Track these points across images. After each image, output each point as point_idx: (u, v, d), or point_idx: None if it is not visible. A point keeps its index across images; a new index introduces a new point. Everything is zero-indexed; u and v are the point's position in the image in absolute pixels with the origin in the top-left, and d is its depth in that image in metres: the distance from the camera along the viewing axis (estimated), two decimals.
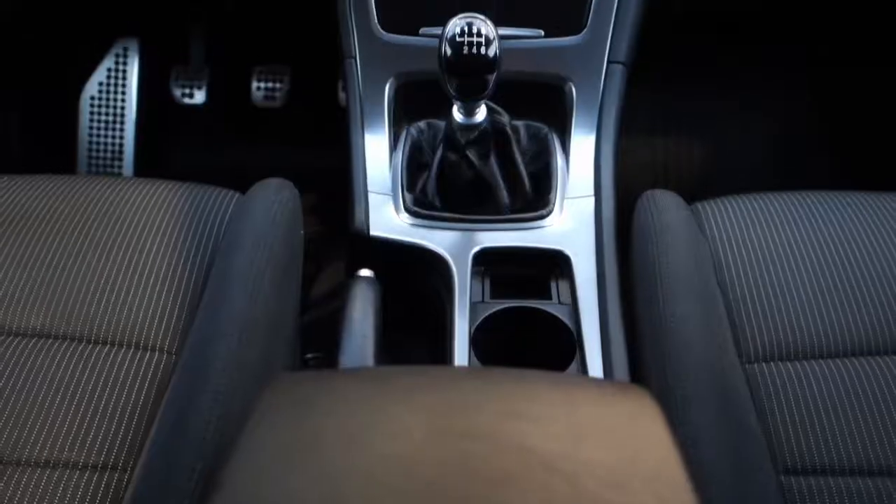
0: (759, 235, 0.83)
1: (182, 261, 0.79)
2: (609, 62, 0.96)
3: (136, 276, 0.78)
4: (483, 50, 0.75)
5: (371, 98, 0.96)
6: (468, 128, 0.85)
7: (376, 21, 0.96)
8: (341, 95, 1.52)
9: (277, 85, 1.59)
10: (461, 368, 0.69)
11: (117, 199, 0.86)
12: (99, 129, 1.62)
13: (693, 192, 1.59)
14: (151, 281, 0.78)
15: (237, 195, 0.88)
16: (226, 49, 1.63)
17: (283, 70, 1.60)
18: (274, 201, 0.82)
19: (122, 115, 1.61)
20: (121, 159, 1.61)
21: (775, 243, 0.82)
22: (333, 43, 1.01)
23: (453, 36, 0.76)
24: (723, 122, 1.66)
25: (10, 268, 0.78)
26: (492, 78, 0.77)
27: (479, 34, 0.75)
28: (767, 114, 1.66)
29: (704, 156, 1.64)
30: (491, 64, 0.76)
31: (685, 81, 1.65)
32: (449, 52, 0.76)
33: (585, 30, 0.95)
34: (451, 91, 0.79)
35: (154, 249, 0.80)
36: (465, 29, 0.75)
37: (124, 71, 1.62)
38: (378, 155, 0.94)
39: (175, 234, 0.82)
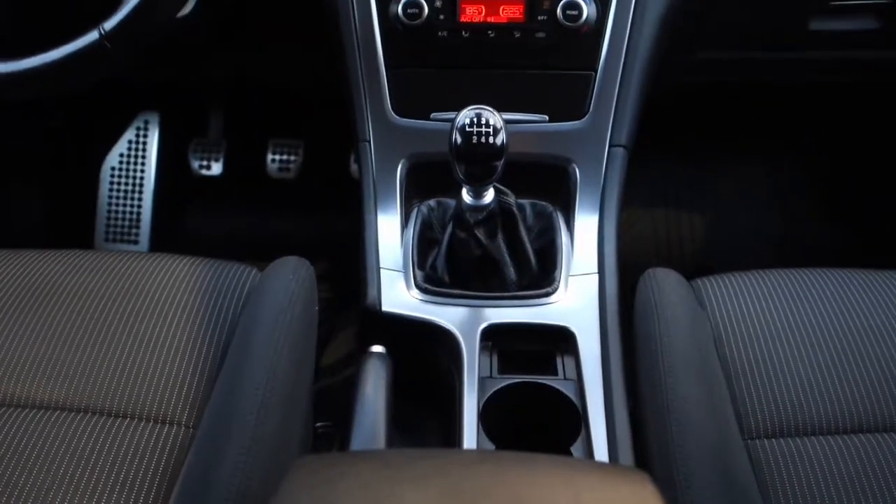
0: (760, 312, 0.86)
1: (202, 335, 0.83)
2: (611, 145, 1.00)
3: (157, 350, 0.81)
4: (491, 139, 0.80)
5: (384, 178, 1.01)
6: (477, 209, 0.89)
7: (389, 107, 1.01)
8: (353, 167, 1.58)
9: (292, 157, 1.65)
10: (471, 453, 0.71)
11: (140, 275, 0.90)
12: (118, 198, 1.67)
13: (696, 262, 1.64)
14: (171, 355, 0.81)
15: (255, 271, 0.91)
16: (243, 123, 1.70)
17: (297, 143, 1.66)
18: (292, 279, 0.86)
19: (141, 186, 1.67)
20: (138, 228, 1.66)
21: (775, 320, 0.85)
22: (346, 119, 1.06)
23: (463, 125, 0.81)
24: (723, 192, 1.71)
25: (35, 341, 0.82)
26: (499, 164, 0.82)
27: (487, 124, 0.80)
28: (767, 183, 1.71)
29: (706, 226, 1.68)
30: (498, 152, 0.81)
31: (686, 153, 1.71)
32: (459, 140, 0.81)
33: (588, 115, 1.00)
34: (460, 175, 0.84)
35: (175, 323, 0.84)
36: (475, 119, 0.80)
37: (144, 143, 1.69)
38: (390, 232, 0.98)
39: (195, 309, 0.85)
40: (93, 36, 0.76)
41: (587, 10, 0.95)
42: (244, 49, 1.31)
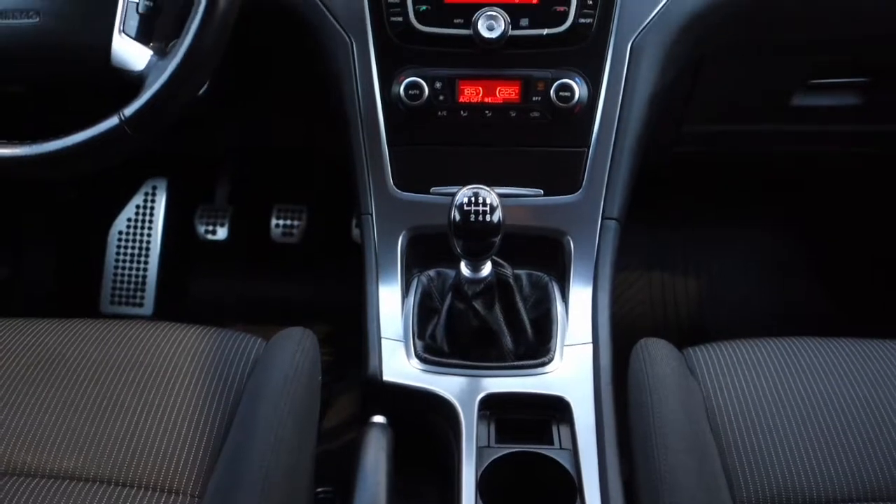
0: (750, 382, 0.88)
1: (207, 405, 0.85)
2: (604, 218, 1.04)
3: (164, 420, 0.83)
4: (488, 217, 0.84)
5: (385, 250, 1.05)
6: (475, 281, 0.93)
7: (391, 181, 1.06)
8: (355, 232, 1.62)
9: (295, 222, 1.70)
10: None
11: (148, 344, 0.92)
12: (124, 262, 1.71)
13: (690, 325, 1.67)
14: (178, 425, 0.83)
15: (261, 341, 0.94)
16: (249, 189, 1.75)
17: (300, 208, 1.71)
18: (296, 351, 0.89)
19: (147, 250, 1.71)
20: (143, 291, 1.70)
21: (766, 390, 0.87)
22: (347, 185, 1.10)
23: (461, 204, 0.85)
24: (717, 256, 1.75)
25: (45, 411, 0.84)
26: (496, 240, 0.86)
27: (484, 203, 0.84)
28: (759, 248, 1.75)
29: (700, 290, 1.72)
30: (495, 229, 0.85)
31: (680, 218, 1.76)
32: (458, 217, 0.85)
33: (581, 190, 1.05)
34: (459, 250, 0.88)
35: (181, 393, 0.86)
36: (472, 198, 0.85)
37: (152, 208, 1.73)
38: (391, 302, 1.02)
39: (201, 379, 0.88)
40: (113, 121, 0.80)
41: (579, 92, 1.01)
42: (250, 121, 1.37)
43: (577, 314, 1.00)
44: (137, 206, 1.73)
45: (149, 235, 1.72)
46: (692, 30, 1.02)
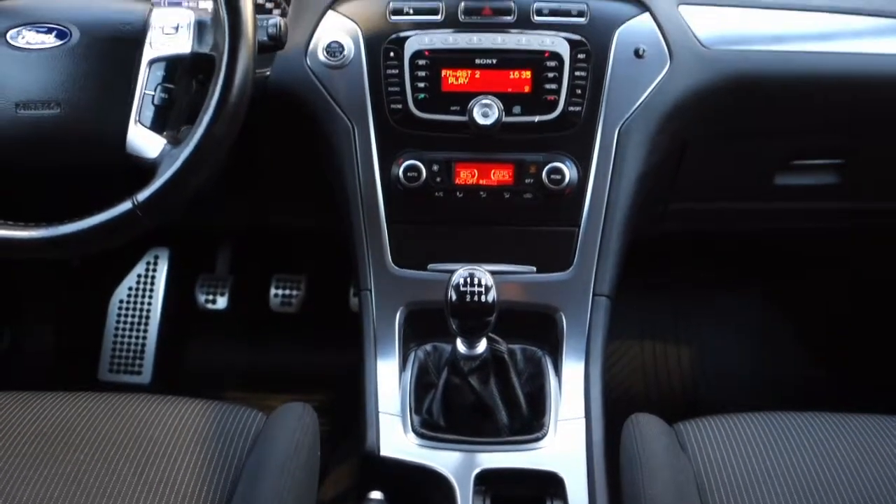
0: (741, 457, 0.90)
1: (208, 480, 0.86)
2: (594, 295, 1.08)
3: (165, 495, 0.85)
4: (483, 297, 0.88)
5: (383, 325, 1.08)
6: (471, 358, 0.96)
7: (390, 258, 1.10)
8: (353, 301, 1.65)
9: (294, 292, 1.73)
10: None
11: (149, 419, 0.94)
12: (124, 330, 1.73)
13: (683, 394, 1.69)
14: (179, 500, 0.84)
15: (262, 416, 0.96)
16: (249, 259, 1.78)
17: (299, 278, 1.74)
18: (296, 428, 0.91)
19: (147, 318, 1.73)
20: (142, 359, 1.71)
21: (756, 466, 0.89)
22: (346, 255, 1.13)
23: (457, 284, 0.89)
24: (709, 325, 1.78)
25: (48, 486, 0.85)
26: (490, 319, 0.89)
27: (479, 284, 0.88)
28: (751, 318, 1.79)
29: (692, 358, 1.74)
30: (489, 308, 0.88)
31: (673, 286, 1.80)
32: (454, 297, 0.88)
33: (572, 267, 1.09)
34: (455, 328, 0.91)
35: (182, 468, 0.88)
36: (468, 279, 0.88)
37: (153, 277, 1.77)
38: (389, 377, 1.04)
39: (202, 454, 0.89)
40: (126, 206, 0.84)
41: (569, 175, 1.06)
42: (251, 200, 1.41)
43: (570, 389, 1.03)
44: (139, 276, 1.76)
45: (149, 304, 1.74)
46: (675, 118, 1.08)
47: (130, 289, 1.76)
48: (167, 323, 1.72)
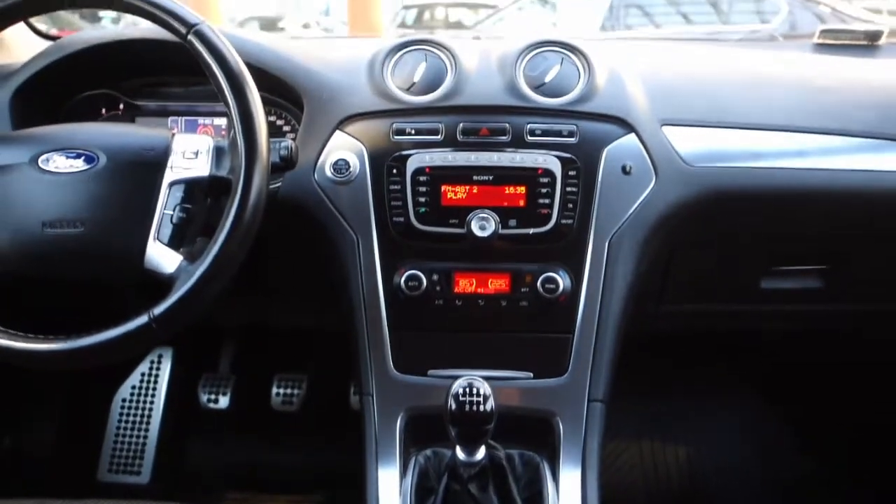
0: None
1: None
2: (589, 400, 1.12)
3: None
4: (481, 407, 0.91)
5: (384, 430, 1.11)
6: (470, 464, 0.99)
7: (391, 364, 1.13)
8: (353, 399, 1.68)
9: (295, 391, 1.75)
10: None
11: None
12: (125, 429, 1.75)
13: (682, 491, 1.69)
14: None
15: None
16: (252, 358, 1.82)
17: (301, 377, 1.77)
18: None
19: (149, 418, 1.75)
20: (142, 459, 1.72)
21: None
22: (346, 355, 1.17)
23: (457, 394, 0.92)
24: (706, 423, 1.80)
25: None
26: (489, 427, 0.93)
27: (478, 394, 0.92)
28: (748, 415, 1.81)
29: (690, 456, 1.75)
30: (488, 417, 0.92)
31: (670, 385, 1.82)
32: (453, 407, 0.92)
33: (567, 373, 1.12)
34: (454, 436, 0.94)
35: None
36: (467, 389, 0.92)
37: (156, 376, 1.79)
38: (389, 483, 1.07)
39: None
40: (143, 319, 0.89)
41: (563, 283, 1.11)
42: (255, 302, 1.46)
43: (568, 495, 1.05)
44: (143, 374, 1.79)
45: (151, 403, 1.76)
46: (662, 228, 1.14)
47: (134, 387, 1.78)
48: (169, 422, 1.74)
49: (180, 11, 0.94)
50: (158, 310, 0.89)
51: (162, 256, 0.93)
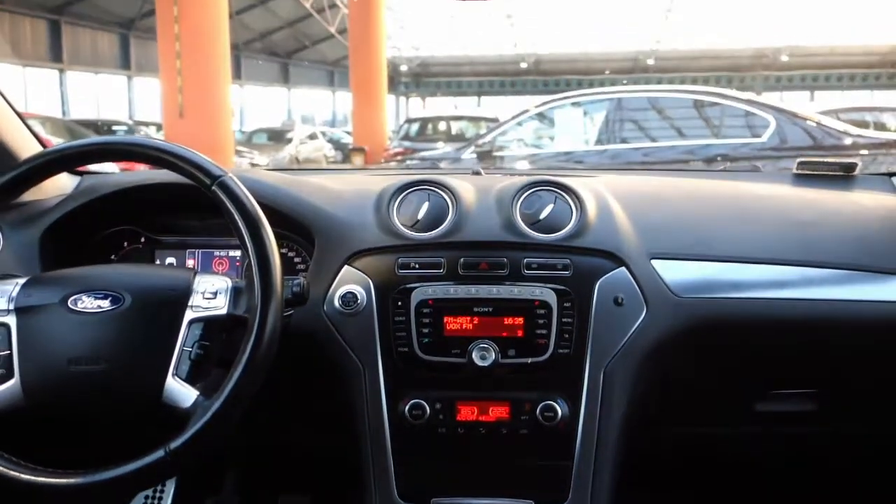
0: None
1: None
2: None
3: None
4: None
5: None
6: None
7: (395, 491, 1.16)
8: None
9: None
10: None
11: None
12: None
13: None
14: None
15: None
16: (256, 481, 1.82)
17: (305, 500, 1.77)
18: None
19: None
20: None
21: None
22: (349, 474, 1.18)
23: None
24: None
25: None
26: None
27: None
28: None
29: None
30: None
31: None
32: None
33: (568, 500, 1.15)
34: None
35: None
36: None
37: (160, 498, 1.79)
38: None
39: None
40: (159, 454, 0.93)
41: (561, 411, 1.15)
42: (263, 422, 1.49)
43: None
44: (146, 497, 1.79)
45: None
46: (656, 356, 1.19)
47: None
48: None
49: (206, 164, 1.03)
50: (175, 444, 0.93)
51: (179, 392, 0.98)
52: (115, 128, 13.44)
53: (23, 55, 17.27)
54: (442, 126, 11.14)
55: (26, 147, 1.34)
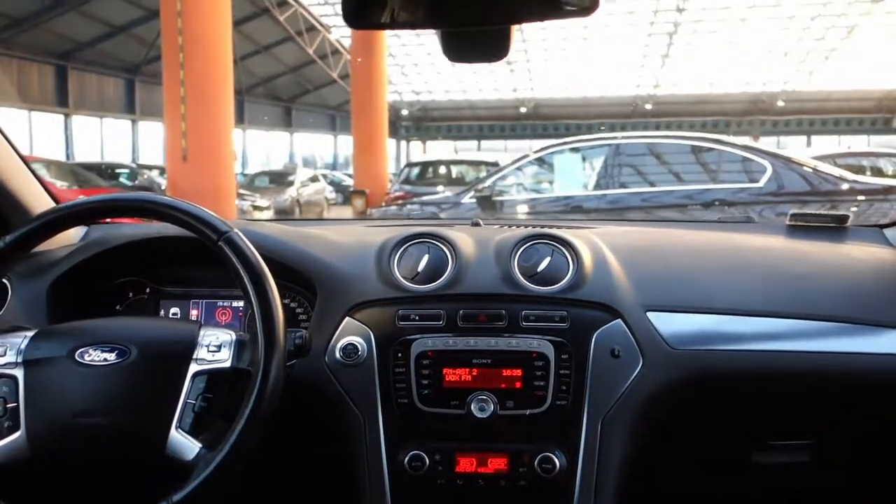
0: None
1: None
2: None
3: None
4: None
5: None
6: None
7: None
8: None
9: None
10: None
11: None
12: None
13: None
14: None
15: None
16: None
17: None
18: None
19: None
20: None
21: None
22: None
23: None
24: None
25: None
26: None
27: None
28: None
29: None
30: None
31: None
32: None
33: None
34: None
35: None
36: None
37: None
38: None
39: None
40: None
41: (559, 463, 1.17)
42: (260, 470, 1.49)
43: None
44: None
45: None
46: (652, 408, 1.21)
47: None
48: None
49: (212, 220, 1.06)
50: (177, 497, 0.94)
51: (182, 444, 0.99)
52: (118, 170, 13.57)
53: (29, 99, 17.54)
54: (442, 170, 11.24)
55: (36, 200, 1.38)
